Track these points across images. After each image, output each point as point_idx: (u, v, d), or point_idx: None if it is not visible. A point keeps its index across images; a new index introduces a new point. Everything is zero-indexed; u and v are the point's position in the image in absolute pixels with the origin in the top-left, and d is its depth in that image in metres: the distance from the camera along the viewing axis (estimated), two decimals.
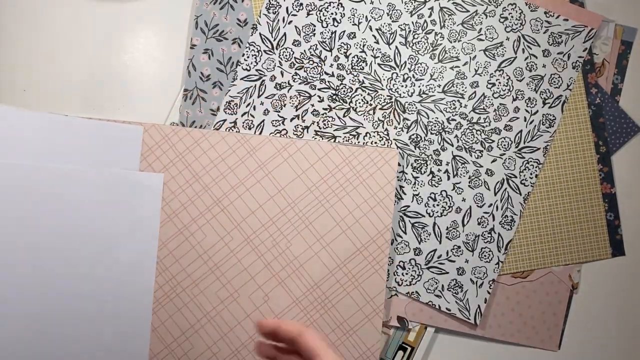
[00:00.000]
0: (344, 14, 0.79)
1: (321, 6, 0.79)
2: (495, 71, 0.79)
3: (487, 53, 0.79)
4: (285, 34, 0.79)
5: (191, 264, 0.75)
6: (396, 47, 0.79)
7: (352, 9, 0.79)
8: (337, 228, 0.76)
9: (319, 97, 0.79)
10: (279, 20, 0.79)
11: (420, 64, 0.79)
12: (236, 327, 0.75)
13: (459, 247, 0.78)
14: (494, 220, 0.78)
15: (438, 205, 0.78)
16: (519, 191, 0.79)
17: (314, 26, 0.79)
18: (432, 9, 0.80)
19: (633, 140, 0.82)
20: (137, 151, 0.76)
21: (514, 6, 0.80)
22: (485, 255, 0.78)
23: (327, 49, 0.79)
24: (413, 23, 0.80)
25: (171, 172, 0.76)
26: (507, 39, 0.79)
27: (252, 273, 0.76)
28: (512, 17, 0.80)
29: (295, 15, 0.79)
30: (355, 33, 0.79)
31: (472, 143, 0.79)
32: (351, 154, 0.77)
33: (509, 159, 0.79)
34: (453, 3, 0.80)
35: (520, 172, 0.79)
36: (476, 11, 0.80)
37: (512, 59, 0.79)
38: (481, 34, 0.79)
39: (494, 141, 0.79)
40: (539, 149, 0.79)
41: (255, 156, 0.77)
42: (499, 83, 0.79)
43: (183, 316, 0.75)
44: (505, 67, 0.79)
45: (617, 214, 0.81)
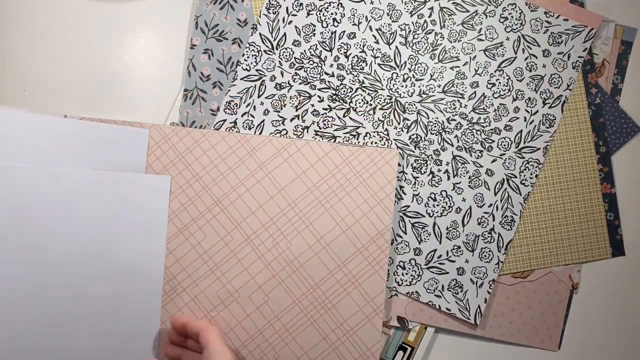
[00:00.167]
0: (344, 14, 0.79)
1: (321, 6, 0.79)
2: (495, 71, 0.79)
3: (487, 53, 0.79)
4: (285, 34, 0.79)
5: (191, 264, 0.75)
6: (396, 47, 0.79)
7: (352, 9, 0.79)
8: (337, 228, 0.76)
9: (319, 97, 0.79)
10: (279, 20, 0.79)
11: (420, 64, 0.79)
12: (236, 327, 0.75)
13: (459, 247, 0.78)
14: (494, 220, 0.78)
15: (438, 205, 0.78)
16: (519, 191, 0.79)
17: (314, 26, 0.79)
18: (432, 9, 0.80)
19: (633, 140, 0.82)
20: (143, 153, 0.76)
21: (514, 6, 0.80)
22: (485, 255, 0.78)
23: (327, 49, 0.79)
24: (413, 23, 0.80)
25: (171, 173, 0.76)
26: (507, 39, 0.79)
27: (252, 273, 0.75)
28: (512, 17, 0.80)
29: (295, 15, 0.79)
30: (355, 33, 0.79)
31: (472, 143, 0.79)
32: (351, 154, 0.77)
33: (509, 159, 0.79)
34: (453, 3, 0.80)
35: (520, 172, 0.79)
36: (476, 11, 0.80)
37: (512, 59, 0.79)
38: (481, 34, 0.79)
39: (494, 141, 0.79)
40: (539, 149, 0.79)
41: (255, 156, 0.77)
42: (499, 83, 0.79)
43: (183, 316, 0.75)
44: (505, 67, 0.79)
45: (617, 214, 0.81)
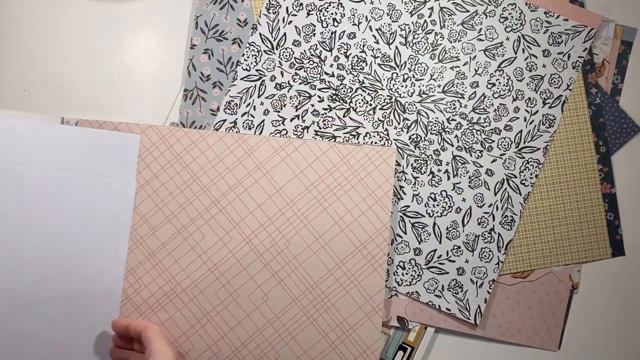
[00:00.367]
0: (344, 14, 0.80)
1: (321, 6, 0.80)
2: (495, 71, 0.79)
3: (487, 53, 0.79)
4: (285, 34, 0.79)
5: (190, 265, 0.76)
6: (396, 47, 0.79)
7: (352, 9, 0.79)
8: (335, 227, 0.76)
9: (319, 97, 0.79)
10: (279, 21, 0.79)
11: (420, 64, 0.79)
12: (236, 327, 0.75)
13: (459, 247, 0.78)
14: (494, 220, 0.78)
15: (438, 205, 0.78)
16: (519, 191, 0.79)
17: (314, 26, 0.79)
18: (432, 9, 0.80)
19: (633, 140, 0.81)
20: (133, 159, 0.76)
21: (514, 6, 0.80)
22: (485, 255, 0.78)
23: (327, 49, 0.79)
24: (413, 23, 0.80)
25: (169, 173, 0.76)
26: (507, 39, 0.79)
27: (251, 273, 0.76)
28: (512, 17, 0.80)
29: (295, 16, 0.79)
30: (355, 33, 0.79)
31: (472, 143, 0.79)
32: (349, 153, 0.77)
33: (509, 159, 0.79)
34: (453, 3, 0.80)
35: (520, 172, 0.79)
36: (476, 11, 0.80)
37: (512, 59, 0.79)
38: (481, 34, 0.79)
39: (494, 141, 0.79)
40: (539, 149, 0.79)
41: (253, 156, 0.77)
42: (499, 83, 0.79)
43: (183, 316, 0.75)
44: (505, 67, 0.79)
45: (617, 214, 0.80)
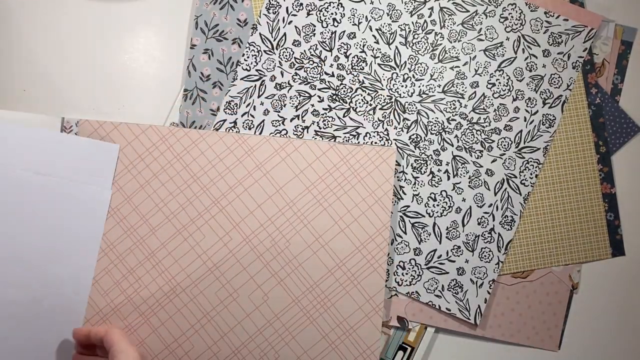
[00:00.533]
0: (344, 14, 0.80)
1: (321, 6, 0.80)
2: (495, 71, 0.79)
3: (487, 53, 0.79)
4: (285, 34, 0.79)
5: (190, 265, 0.76)
6: (396, 47, 0.79)
7: (352, 9, 0.79)
8: (335, 227, 0.76)
9: (319, 97, 0.79)
10: (279, 21, 0.79)
11: (420, 64, 0.79)
12: (236, 327, 0.75)
13: (459, 247, 0.78)
14: (494, 220, 0.78)
15: (438, 205, 0.78)
16: (519, 191, 0.79)
17: (314, 26, 0.79)
18: (432, 9, 0.80)
19: (633, 140, 0.81)
20: (111, 168, 0.76)
21: (514, 6, 0.80)
22: (485, 255, 0.78)
23: (327, 49, 0.79)
24: (413, 23, 0.80)
25: (169, 173, 0.76)
26: (507, 39, 0.79)
27: (251, 273, 0.75)
28: (512, 17, 0.80)
29: (295, 16, 0.79)
30: (355, 33, 0.79)
31: (472, 143, 0.79)
32: (349, 153, 0.77)
33: (509, 159, 0.79)
34: (453, 3, 0.80)
35: (520, 172, 0.79)
36: (476, 11, 0.80)
37: (512, 59, 0.79)
38: (481, 34, 0.79)
39: (494, 141, 0.79)
40: (539, 149, 0.79)
41: (253, 156, 0.77)
42: (499, 83, 0.79)
43: (183, 316, 0.75)
44: (505, 67, 0.79)
45: (617, 214, 0.80)
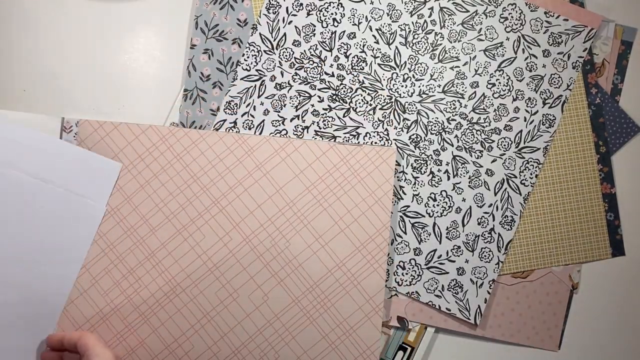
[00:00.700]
0: (344, 14, 0.79)
1: (321, 6, 0.79)
2: (495, 71, 0.79)
3: (487, 53, 0.79)
4: (285, 34, 0.79)
5: (190, 265, 0.76)
6: (396, 47, 0.79)
7: (352, 9, 0.79)
8: (335, 227, 0.76)
9: (319, 97, 0.79)
10: (279, 21, 0.79)
11: (420, 64, 0.79)
12: (236, 327, 0.75)
13: (459, 247, 0.78)
14: (494, 220, 0.78)
15: (438, 205, 0.78)
16: (519, 191, 0.79)
17: (314, 26, 0.79)
18: (432, 9, 0.80)
19: (633, 140, 0.81)
20: (110, 185, 0.76)
21: (514, 6, 0.80)
22: (485, 255, 0.78)
23: (327, 49, 0.79)
24: (413, 23, 0.80)
25: (169, 173, 0.76)
26: (507, 39, 0.79)
27: (251, 273, 0.76)
28: (512, 17, 0.80)
29: (295, 16, 0.79)
30: (355, 33, 0.79)
31: (472, 143, 0.79)
32: (349, 153, 0.77)
33: (509, 159, 0.79)
34: (453, 3, 0.80)
35: (520, 172, 0.79)
36: (476, 11, 0.80)
37: (512, 59, 0.79)
38: (481, 34, 0.79)
39: (494, 141, 0.79)
40: (539, 149, 0.79)
41: (253, 156, 0.77)
42: (499, 83, 0.79)
43: (183, 316, 0.75)
44: (505, 67, 0.79)
45: (617, 214, 0.80)
